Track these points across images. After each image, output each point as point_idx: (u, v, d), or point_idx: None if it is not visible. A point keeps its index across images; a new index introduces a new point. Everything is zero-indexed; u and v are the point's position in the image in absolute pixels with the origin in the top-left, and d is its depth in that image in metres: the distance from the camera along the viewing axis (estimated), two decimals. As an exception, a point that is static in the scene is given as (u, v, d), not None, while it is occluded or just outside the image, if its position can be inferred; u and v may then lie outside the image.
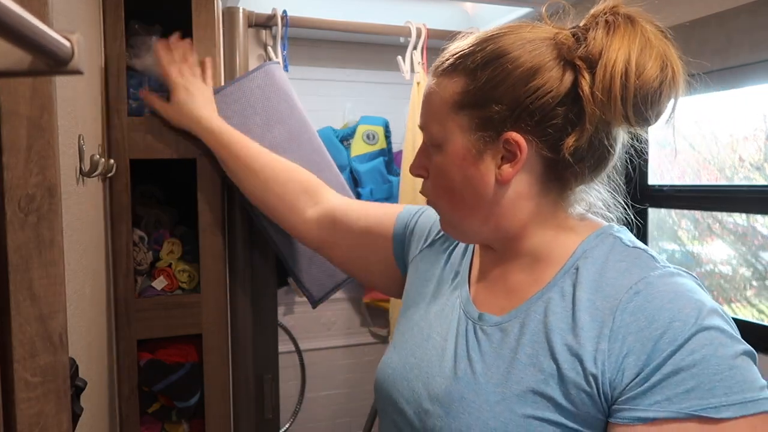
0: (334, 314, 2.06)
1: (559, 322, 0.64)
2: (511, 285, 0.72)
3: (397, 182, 1.82)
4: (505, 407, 0.62)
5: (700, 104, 1.60)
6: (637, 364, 0.57)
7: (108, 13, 1.08)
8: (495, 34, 0.68)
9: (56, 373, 0.57)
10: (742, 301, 1.62)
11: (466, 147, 0.68)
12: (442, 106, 0.69)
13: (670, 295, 0.59)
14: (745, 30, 1.20)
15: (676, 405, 0.55)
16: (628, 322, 0.59)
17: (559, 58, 0.65)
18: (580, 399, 0.60)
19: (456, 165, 0.69)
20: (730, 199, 1.45)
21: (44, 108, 0.55)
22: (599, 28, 0.63)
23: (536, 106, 0.64)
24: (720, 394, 0.54)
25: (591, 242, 0.69)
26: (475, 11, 1.89)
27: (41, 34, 0.34)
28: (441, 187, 0.72)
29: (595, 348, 0.60)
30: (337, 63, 1.99)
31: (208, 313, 1.19)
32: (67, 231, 0.67)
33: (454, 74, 0.69)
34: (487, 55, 0.66)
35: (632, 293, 0.61)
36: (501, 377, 0.64)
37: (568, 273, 0.67)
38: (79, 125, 0.79)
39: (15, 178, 0.54)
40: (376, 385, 0.79)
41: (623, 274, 0.63)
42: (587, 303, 0.63)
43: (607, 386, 0.58)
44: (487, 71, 0.66)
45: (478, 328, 0.70)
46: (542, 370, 0.62)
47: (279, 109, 1.23)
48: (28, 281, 0.55)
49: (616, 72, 0.60)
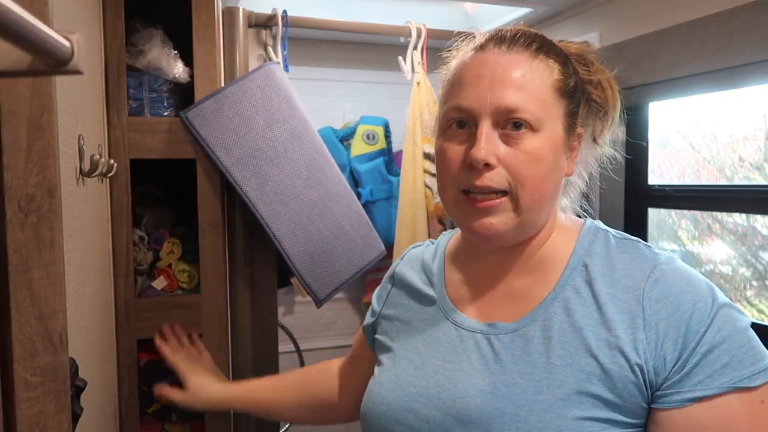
0: (334, 314, 2.06)
1: (586, 319, 0.64)
2: (516, 290, 0.71)
3: (397, 182, 1.82)
4: (554, 414, 0.61)
5: (700, 104, 1.60)
6: (675, 347, 0.60)
7: (108, 12, 1.08)
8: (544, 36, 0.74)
9: (56, 373, 0.57)
10: (742, 301, 1.62)
11: (561, 133, 0.68)
12: (546, 88, 0.66)
13: (684, 279, 0.64)
14: (745, 30, 1.20)
15: (717, 381, 0.59)
16: (656, 309, 0.62)
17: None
18: (627, 391, 0.61)
19: (551, 150, 0.66)
20: (730, 199, 1.44)
21: (44, 108, 0.55)
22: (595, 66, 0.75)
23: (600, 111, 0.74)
24: (748, 364, 0.59)
25: (587, 239, 0.70)
26: (475, 11, 1.89)
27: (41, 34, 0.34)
28: (531, 173, 0.65)
29: (633, 338, 0.61)
30: (337, 63, 1.99)
31: (208, 313, 1.19)
32: (67, 231, 0.67)
33: (549, 57, 0.68)
34: (562, 52, 0.72)
35: (652, 281, 0.64)
36: (539, 383, 0.63)
37: (576, 271, 0.68)
38: (79, 125, 0.79)
39: (15, 178, 0.54)
40: (368, 421, 0.75)
41: (632, 264, 0.66)
42: (608, 296, 0.64)
43: (652, 373, 0.61)
44: (571, 64, 0.71)
45: (493, 338, 0.68)
46: (582, 369, 0.62)
47: (280, 108, 1.23)
48: (28, 281, 0.55)
49: (610, 102, 0.74)
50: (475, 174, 0.65)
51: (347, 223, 1.31)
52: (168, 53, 1.15)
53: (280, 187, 1.21)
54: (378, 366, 0.80)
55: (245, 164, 1.18)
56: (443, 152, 0.69)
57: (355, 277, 1.33)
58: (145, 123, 1.13)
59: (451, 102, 0.69)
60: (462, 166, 0.67)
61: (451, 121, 0.69)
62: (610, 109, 0.74)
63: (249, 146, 1.19)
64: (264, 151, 1.20)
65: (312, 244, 1.25)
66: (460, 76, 0.69)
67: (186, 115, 1.15)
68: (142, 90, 1.15)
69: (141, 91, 1.15)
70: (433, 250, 0.86)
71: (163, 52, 1.14)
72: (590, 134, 0.74)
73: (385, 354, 0.80)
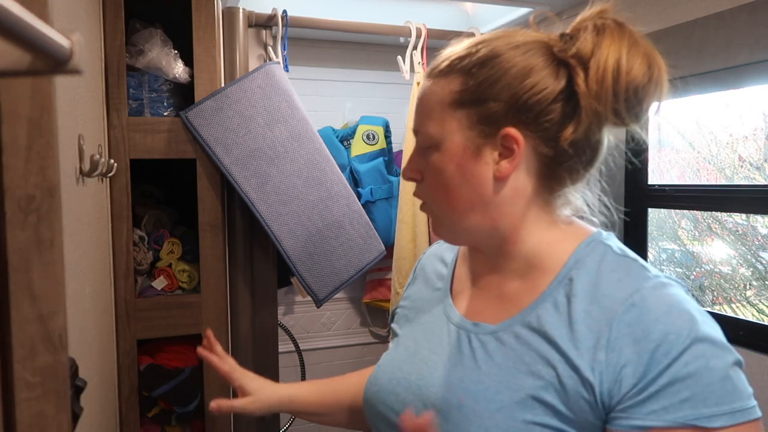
0: (334, 314, 2.06)
1: (555, 332, 0.65)
2: (506, 292, 0.73)
3: (397, 182, 1.82)
4: (506, 414, 0.63)
5: (700, 104, 1.60)
6: (634, 374, 0.59)
7: (108, 12, 1.08)
8: (487, 39, 0.71)
9: (56, 373, 0.57)
10: (742, 301, 1.62)
11: (465, 143, 0.69)
12: (439, 104, 0.70)
13: (664, 307, 0.61)
14: (745, 30, 1.20)
15: (671, 414, 0.57)
16: (624, 333, 0.61)
17: (552, 58, 0.68)
18: (579, 406, 0.61)
19: (454, 162, 0.69)
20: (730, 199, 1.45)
21: (44, 108, 0.55)
22: (589, 30, 0.67)
23: (533, 102, 0.66)
24: (712, 404, 0.57)
25: (582, 251, 0.70)
26: (475, 11, 1.89)
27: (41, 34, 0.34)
28: (438, 186, 0.72)
29: (593, 358, 0.61)
30: (337, 63, 1.99)
31: (208, 313, 1.19)
32: (67, 231, 0.67)
33: (450, 75, 0.70)
34: (482, 56, 0.69)
35: (628, 305, 0.62)
36: (500, 385, 0.66)
37: (561, 283, 0.68)
38: (79, 125, 0.79)
39: (15, 178, 0.54)
40: (364, 403, 0.81)
41: (617, 285, 0.65)
42: (583, 314, 0.64)
43: (605, 395, 0.60)
44: (484, 70, 0.68)
45: (474, 336, 0.71)
46: (541, 377, 0.64)
47: (280, 108, 1.23)
48: (28, 281, 0.55)
49: (608, 67, 0.64)
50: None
51: (347, 223, 1.31)
52: (168, 53, 1.15)
53: (280, 187, 1.21)
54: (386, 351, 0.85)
55: (245, 164, 1.18)
56: None
57: (355, 277, 1.33)
58: (145, 123, 1.13)
59: None
60: None
61: None
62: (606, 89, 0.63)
63: (249, 146, 1.19)
64: (264, 151, 1.20)
65: (312, 244, 1.25)
66: None
67: (186, 115, 1.15)
68: (142, 90, 1.15)
69: (141, 91, 1.15)
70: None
71: (163, 52, 1.14)
72: (550, 134, 0.67)
73: (393, 340, 0.85)
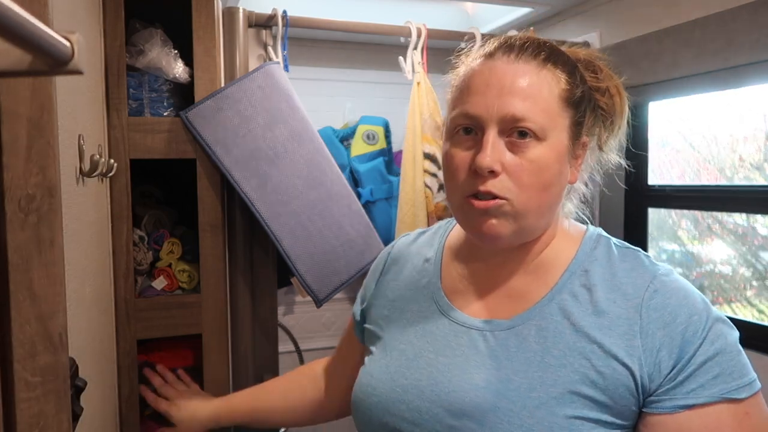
0: (334, 314, 2.06)
1: (582, 322, 0.66)
2: (515, 289, 0.72)
3: (397, 182, 1.82)
4: (546, 411, 0.63)
5: (700, 104, 1.60)
6: (671, 356, 0.63)
7: (108, 12, 1.08)
8: (556, 44, 0.74)
9: (56, 373, 0.57)
10: (742, 301, 1.62)
11: (565, 143, 0.69)
12: (552, 98, 0.67)
13: (682, 292, 0.66)
14: (745, 30, 1.20)
15: (708, 390, 0.62)
16: (654, 318, 0.64)
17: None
18: (619, 393, 0.63)
19: (555, 160, 0.67)
20: (730, 199, 1.45)
21: (44, 108, 0.55)
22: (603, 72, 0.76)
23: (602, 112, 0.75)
24: (737, 377, 0.63)
25: (589, 245, 0.73)
26: (475, 11, 1.89)
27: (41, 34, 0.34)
28: (534, 182, 0.66)
29: (629, 344, 0.64)
30: (337, 63, 1.99)
31: (208, 313, 1.19)
32: (67, 231, 0.67)
33: (556, 67, 0.69)
34: (569, 60, 0.72)
35: (651, 291, 0.66)
36: (533, 381, 0.65)
37: (575, 275, 0.70)
38: (79, 125, 0.79)
39: (15, 178, 0.54)
40: (359, 412, 0.76)
41: (632, 273, 0.68)
42: (607, 302, 0.67)
43: (646, 379, 0.63)
44: (578, 73, 0.72)
45: (489, 334, 0.69)
46: (576, 370, 0.64)
47: (280, 108, 1.23)
48: (28, 281, 0.55)
49: (617, 108, 0.75)
50: (479, 180, 0.67)
51: (347, 223, 1.31)
52: (168, 53, 1.15)
53: (280, 187, 1.21)
54: (368, 356, 0.80)
55: (245, 164, 1.18)
56: (450, 157, 0.70)
57: (355, 277, 1.33)
58: (145, 123, 1.13)
59: (459, 108, 0.70)
60: (468, 172, 0.68)
61: (458, 127, 0.70)
62: (617, 117, 0.75)
63: (249, 146, 1.19)
64: (264, 151, 1.20)
65: (312, 244, 1.25)
66: (468, 83, 0.70)
67: (186, 115, 1.15)
68: (142, 90, 1.15)
69: (141, 91, 1.15)
70: (429, 237, 0.87)
71: (163, 52, 1.14)
72: (596, 141, 0.75)
73: (375, 344, 0.80)
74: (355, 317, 0.92)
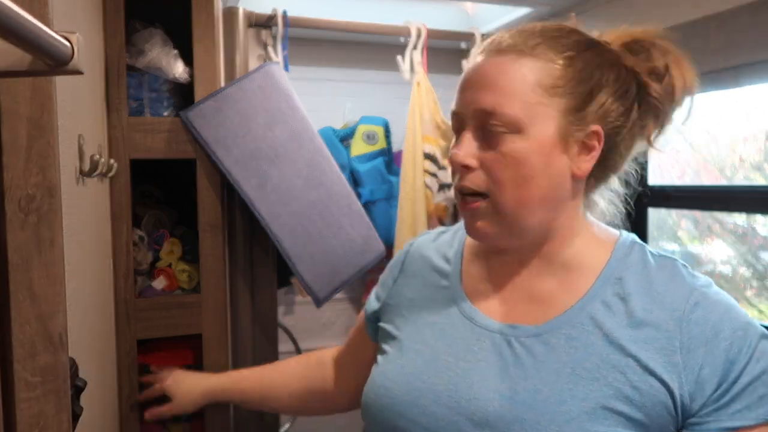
0: (334, 314, 2.06)
1: (618, 333, 0.62)
2: (539, 293, 0.69)
3: (397, 182, 1.82)
4: (577, 427, 0.59)
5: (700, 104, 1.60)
6: (714, 375, 0.59)
7: (108, 12, 1.08)
8: (572, 27, 0.68)
9: (56, 373, 0.57)
10: (742, 301, 1.62)
11: (557, 134, 0.63)
12: (529, 87, 0.63)
13: (723, 305, 0.63)
14: (745, 30, 1.20)
15: (754, 412, 0.59)
16: (695, 334, 0.61)
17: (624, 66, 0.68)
18: (656, 412, 0.59)
19: (538, 152, 0.63)
20: (730, 199, 1.44)
21: (44, 108, 0.55)
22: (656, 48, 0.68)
23: (620, 102, 0.67)
24: None
25: (622, 251, 0.68)
26: (475, 11, 1.89)
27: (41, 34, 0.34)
28: (511, 176, 0.63)
29: (668, 360, 0.60)
30: (337, 63, 1.99)
31: (208, 313, 1.19)
32: (67, 231, 0.67)
33: (544, 55, 0.64)
34: (578, 44, 0.66)
35: (692, 304, 0.62)
36: (563, 393, 0.61)
37: (608, 282, 0.65)
38: (79, 125, 0.79)
39: (15, 178, 0.54)
40: (370, 413, 0.72)
41: (671, 284, 0.65)
42: (644, 312, 0.63)
43: (687, 398, 0.59)
44: (580, 60, 0.65)
45: (514, 340, 0.66)
46: (609, 384, 0.60)
47: (280, 108, 1.23)
48: (28, 281, 0.55)
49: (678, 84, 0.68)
50: (460, 176, 0.67)
51: (347, 223, 1.31)
52: (168, 53, 1.15)
53: (280, 187, 1.21)
54: (382, 355, 0.77)
55: (245, 164, 1.18)
56: (451, 156, 0.70)
57: (355, 277, 1.33)
58: (145, 123, 1.13)
59: (451, 108, 0.70)
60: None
61: (453, 126, 0.70)
62: (667, 103, 0.68)
63: (249, 146, 1.19)
64: (264, 151, 1.20)
65: (312, 244, 1.25)
66: (459, 83, 0.70)
67: (186, 115, 1.15)
68: (142, 90, 1.15)
69: (141, 91, 1.15)
70: (450, 237, 0.83)
71: (163, 52, 1.14)
72: (644, 133, 0.70)
73: (389, 343, 0.77)
74: (366, 314, 0.87)
